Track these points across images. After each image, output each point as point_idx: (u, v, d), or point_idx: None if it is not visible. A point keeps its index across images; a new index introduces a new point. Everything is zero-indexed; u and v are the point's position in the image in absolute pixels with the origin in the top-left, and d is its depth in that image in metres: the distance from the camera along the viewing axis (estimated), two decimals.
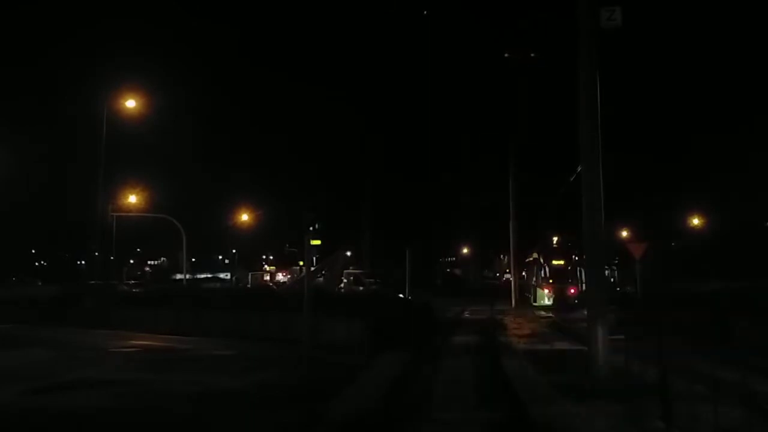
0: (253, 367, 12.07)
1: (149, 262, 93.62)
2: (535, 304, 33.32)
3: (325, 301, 16.69)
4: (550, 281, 33.59)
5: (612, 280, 35.34)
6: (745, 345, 12.34)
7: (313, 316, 13.70)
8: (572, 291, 32.19)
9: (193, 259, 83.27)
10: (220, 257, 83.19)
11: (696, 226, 47.87)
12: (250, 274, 64.71)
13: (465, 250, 62.16)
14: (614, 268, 37.53)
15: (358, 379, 10.71)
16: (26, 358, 13.39)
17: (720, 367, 8.62)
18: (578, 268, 31.77)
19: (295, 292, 19.64)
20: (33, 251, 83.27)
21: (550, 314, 26.78)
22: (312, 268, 25.18)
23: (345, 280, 29.78)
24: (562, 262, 33.60)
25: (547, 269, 34.23)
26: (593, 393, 8.71)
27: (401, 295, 29.51)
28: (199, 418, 7.98)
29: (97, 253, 31.15)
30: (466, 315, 28.15)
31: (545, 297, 33.05)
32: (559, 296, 32.18)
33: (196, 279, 57.33)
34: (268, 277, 67.38)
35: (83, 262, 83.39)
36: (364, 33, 43.57)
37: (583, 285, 29.81)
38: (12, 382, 10.38)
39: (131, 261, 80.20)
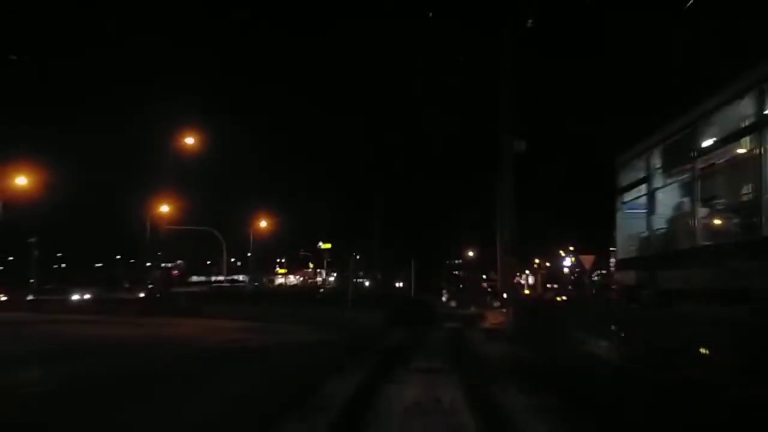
0: (317, 333, 20.59)
1: (162, 265, 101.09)
2: None
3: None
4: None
5: None
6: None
7: (351, 308, 22.64)
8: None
9: (209, 262, 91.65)
10: (233, 260, 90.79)
11: None
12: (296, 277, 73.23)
13: (470, 253, 66.83)
14: None
15: (383, 339, 19.22)
16: (179, 331, 21.75)
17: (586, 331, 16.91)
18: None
19: None
20: (59, 254, 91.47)
21: None
22: None
23: None
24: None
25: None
26: (503, 340, 17.28)
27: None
28: (312, 350, 16.34)
29: (163, 265, 39.48)
30: (459, 311, 37.18)
31: None
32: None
33: (210, 282, 64.27)
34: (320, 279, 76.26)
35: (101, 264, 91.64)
36: (367, 44, 42.77)
37: None
38: (193, 341, 18.68)
39: (148, 264, 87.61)
